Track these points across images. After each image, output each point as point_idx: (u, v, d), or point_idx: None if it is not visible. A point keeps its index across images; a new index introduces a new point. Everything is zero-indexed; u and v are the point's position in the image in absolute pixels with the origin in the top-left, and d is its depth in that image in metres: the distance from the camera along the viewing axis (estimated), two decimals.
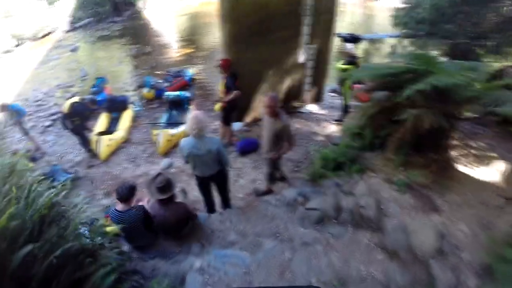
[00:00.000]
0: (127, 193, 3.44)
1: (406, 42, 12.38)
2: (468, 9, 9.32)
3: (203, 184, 4.26)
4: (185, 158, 3.90)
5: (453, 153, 4.03)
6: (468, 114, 4.34)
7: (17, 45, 17.47)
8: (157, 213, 3.68)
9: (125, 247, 3.84)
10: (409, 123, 3.29)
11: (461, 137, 4.27)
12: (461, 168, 3.87)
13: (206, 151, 3.71)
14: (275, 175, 5.03)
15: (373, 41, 15.48)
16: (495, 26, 9.28)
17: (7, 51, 16.84)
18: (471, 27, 9.50)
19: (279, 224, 3.92)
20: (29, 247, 2.07)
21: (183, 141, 3.79)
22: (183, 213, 3.80)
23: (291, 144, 4.36)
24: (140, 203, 3.85)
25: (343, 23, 16.65)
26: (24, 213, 2.31)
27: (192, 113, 3.71)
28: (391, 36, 14.56)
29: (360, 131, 4.34)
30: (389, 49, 13.13)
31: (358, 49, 7.35)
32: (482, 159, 3.95)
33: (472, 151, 4.10)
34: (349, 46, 6.75)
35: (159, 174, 3.70)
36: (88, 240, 2.75)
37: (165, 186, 3.58)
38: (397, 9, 12.89)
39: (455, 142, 4.12)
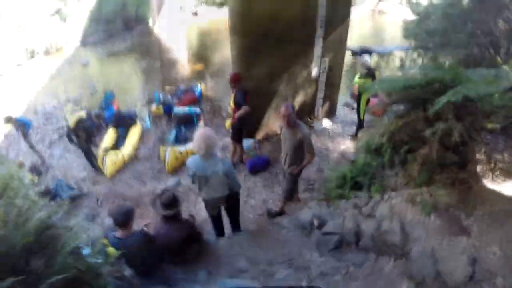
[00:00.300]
0: (123, 218, 3.14)
1: (416, 54, 12.17)
2: (478, 17, 9.09)
3: (211, 207, 3.95)
4: (191, 178, 3.64)
5: (479, 167, 3.75)
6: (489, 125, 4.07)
7: (29, 59, 17.69)
8: (161, 230, 3.41)
9: (127, 271, 3.62)
10: (436, 138, 3.02)
11: (485, 150, 3.99)
12: (488, 184, 3.59)
13: (213, 173, 3.43)
14: (294, 193, 4.74)
15: (382, 54, 15.30)
16: (506, 34, 9.01)
17: (19, 64, 17.05)
18: (483, 35, 9.24)
19: (293, 250, 3.63)
20: (10, 280, 1.83)
21: (190, 160, 3.55)
22: (188, 231, 3.53)
23: (311, 156, 4.09)
24: (143, 224, 3.63)
25: (352, 36, 16.51)
26: (12, 237, 2.08)
27: (200, 131, 3.48)
28: (401, 49, 14.36)
29: (379, 147, 4.06)
30: (398, 62, 12.93)
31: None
32: (509, 174, 3.67)
33: (499, 164, 3.81)
34: (365, 57, 6.50)
35: (165, 191, 3.48)
36: (85, 264, 2.51)
37: (170, 202, 3.32)
38: (407, 21, 12.74)
39: (479, 156, 3.84)
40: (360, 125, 6.79)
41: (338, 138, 6.96)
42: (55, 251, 2.31)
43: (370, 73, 6.18)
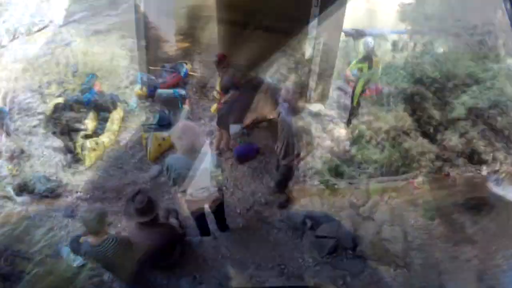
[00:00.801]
0: (95, 225, 2.73)
1: (411, 38, 11.90)
2: (478, 5, 8.87)
3: (196, 208, 3.52)
4: (171, 179, 3.23)
5: (484, 168, 3.52)
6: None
7: (10, 40, 16.89)
8: (136, 239, 3.03)
9: (106, 275, 3.33)
10: (451, 141, 2.76)
11: (491, 150, 3.73)
12: (493, 187, 3.38)
13: (199, 171, 3.06)
14: (287, 185, 4.44)
15: (376, 37, 14.90)
16: (505, 25, 8.82)
17: (2, 46, 16.31)
18: (482, 24, 9.03)
19: (284, 253, 3.36)
20: None
21: (170, 160, 3.17)
22: (168, 238, 3.21)
23: (310, 146, 3.80)
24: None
25: (346, 18, 16.09)
26: None
27: (180, 125, 3.09)
28: (397, 33, 13.98)
29: (379, 141, 3.77)
30: (390, 45, 12.65)
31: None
32: None
33: (504, 166, 3.59)
34: (368, 40, 6.11)
35: (138, 192, 3.09)
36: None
37: (146, 207, 2.94)
38: (404, 4, 12.42)
39: (485, 156, 3.59)
40: (352, 112, 6.48)
41: (331, 125, 6.62)
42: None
43: (368, 58, 5.82)
